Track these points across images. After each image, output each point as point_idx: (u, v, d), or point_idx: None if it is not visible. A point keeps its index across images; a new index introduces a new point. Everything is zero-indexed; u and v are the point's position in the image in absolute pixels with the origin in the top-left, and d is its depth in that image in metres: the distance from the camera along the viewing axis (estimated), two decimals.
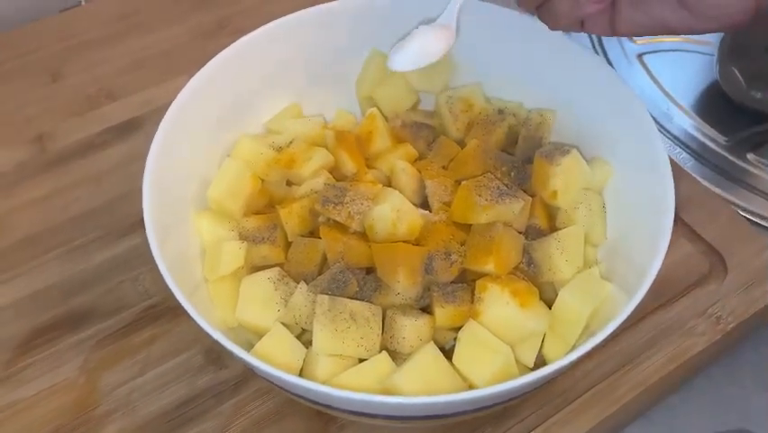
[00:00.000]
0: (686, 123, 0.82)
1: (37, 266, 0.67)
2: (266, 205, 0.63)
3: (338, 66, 0.69)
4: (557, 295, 0.56)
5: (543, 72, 0.65)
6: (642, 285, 0.49)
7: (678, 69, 0.87)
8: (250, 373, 0.60)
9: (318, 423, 0.57)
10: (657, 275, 0.50)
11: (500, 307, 0.53)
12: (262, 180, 0.63)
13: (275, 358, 0.52)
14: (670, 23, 0.48)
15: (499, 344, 0.52)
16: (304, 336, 0.56)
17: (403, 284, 0.55)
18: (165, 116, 0.58)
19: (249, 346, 0.54)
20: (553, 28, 0.54)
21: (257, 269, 0.58)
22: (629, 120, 0.59)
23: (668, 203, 0.53)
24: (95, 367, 0.61)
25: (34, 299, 0.65)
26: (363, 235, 0.58)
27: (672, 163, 0.55)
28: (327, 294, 0.54)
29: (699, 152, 0.80)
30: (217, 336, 0.47)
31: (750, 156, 0.79)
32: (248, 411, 0.58)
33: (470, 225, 0.58)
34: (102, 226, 0.70)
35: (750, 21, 0.47)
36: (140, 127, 0.78)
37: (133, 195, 0.64)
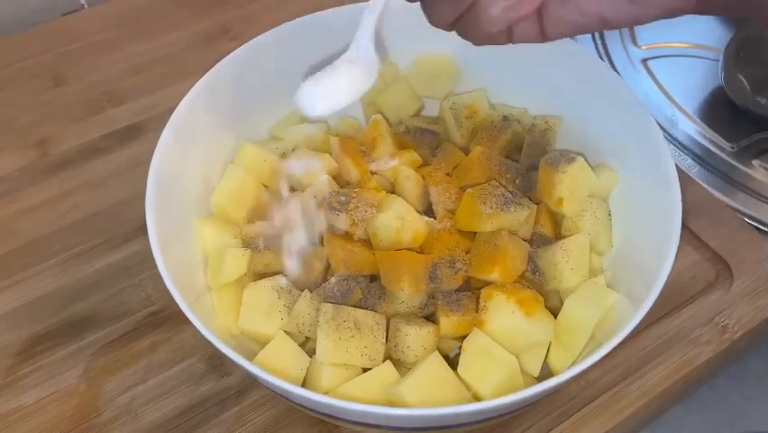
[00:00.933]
0: (691, 128, 0.82)
1: (38, 272, 0.67)
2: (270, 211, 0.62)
3: None
4: (562, 303, 0.55)
5: (548, 78, 0.65)
6: (649, 296, 0.48)
7: (683, 75, 0.87)
8: (252, 381, 0.59)
9: (321, 432, 0.57)
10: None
11: (505, 316, 0.53)
12: (266, 186, 0.62)
13: (278, 367, 0.52)
14: (608, 16, 0.44)
15: (504, 354, 0.52)
16: (307, 345, 0.55)
17: (407, 292, 0.54)
18: (168, 122, 0.58)
19: (252, 355, 0.53)
20: (478, 42, 0.46)
21: (260, 276, 0.58)
22: (635, 127, 0.58)
23: (675, 212, 0.52)
24: (96, 374, 0.61)
25: (35, 305, 0.65)
26: (367, 243, 0.58)
27: (678, 170, 0.55)
28: (331, 302, 0.53)
29: (704, 159, 0.79)
30: (220, 345, 0.47)
31: (755, 162, 0.78)
32: (251, 420, 0.58)
33: (475, 232, 0.57)
34: (103, 232, 0.69)
35: (694, 8, 0.43)
36: (142, 132, 0.77)
37: (135, 200, 0.63)
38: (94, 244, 0.69)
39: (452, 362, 0.53)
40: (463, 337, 0.54)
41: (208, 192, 0.61)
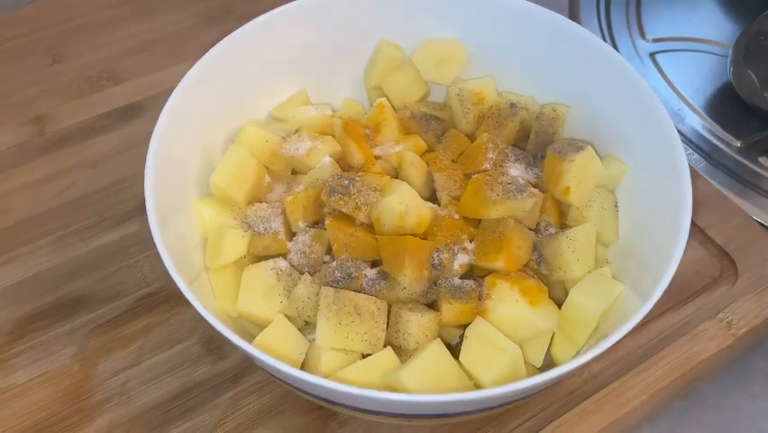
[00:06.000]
0: (698, 124, 0.81)
1: (32, 251, 0.66)
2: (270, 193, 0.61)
3: (346, 54, 0.67)
4: (567, 294, 0.54)
5: (557, 66, 0.63)
6: (656, 289, 0.47)
7: (691, 69, 0.86)
8: (248, 365, 0.58)
9: (318, 418, 0.56)
10: None
11: (509, 304, 0.52)
12: (267, 168, 0.61)
13: (276, 350, 0.51)
14: None
15: (507, 342, 0.51)
16: (306, 329, 0.54)
17: (409, 278, 0.53)
18: (168, 100, 0.56)
19: (249, 338, 0.52)
20: None
21: (259, 259, 0.57)
22: (646, 118, 0.57)
23: (685, 206, 0.51)
24: (89, 355, 0.60)
25: (28, 284, 0.64)
26: (370, 227, 0.56)
27: None
28: (332, 286, 0.52)
29: (711, 154, 0.78)
30: (219, 325, 0.46)
31: (762, 159, 0.78)
32: (245, 404, 0.57)
33: (480, 220, 0.56)
34: (99, 212, 0.68)
35: None
36: (140, 112, 0.76)
37: (132, 181, 0.62)
38: (90, 224, 0.67)
39: (454, 350, 0.52)
40: (465, 326, 0.53)
41: (208, 172, 0.59)
